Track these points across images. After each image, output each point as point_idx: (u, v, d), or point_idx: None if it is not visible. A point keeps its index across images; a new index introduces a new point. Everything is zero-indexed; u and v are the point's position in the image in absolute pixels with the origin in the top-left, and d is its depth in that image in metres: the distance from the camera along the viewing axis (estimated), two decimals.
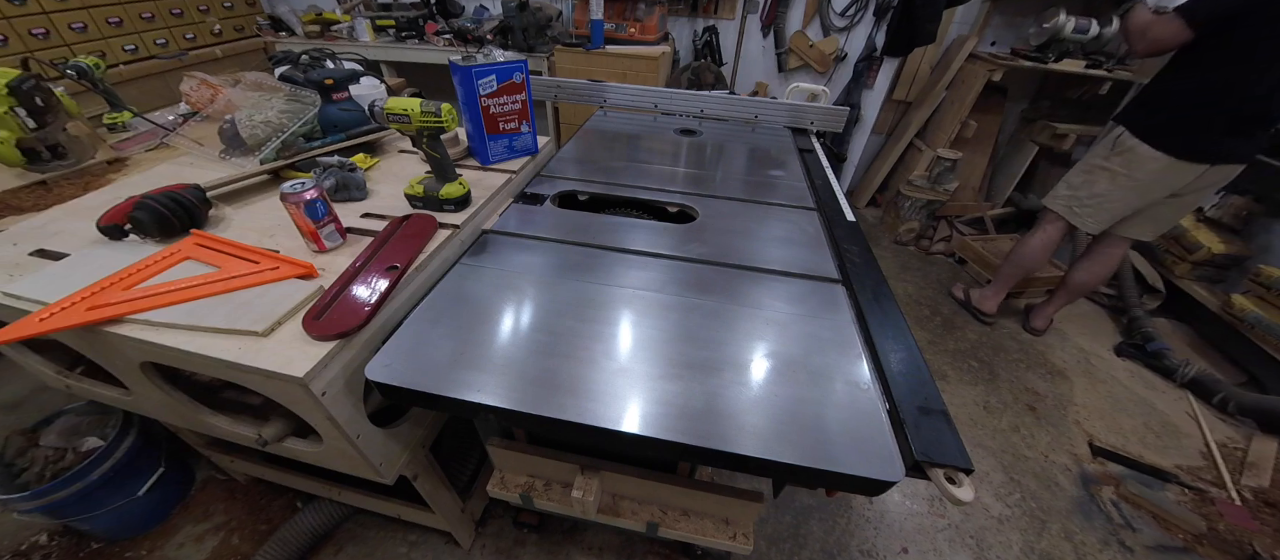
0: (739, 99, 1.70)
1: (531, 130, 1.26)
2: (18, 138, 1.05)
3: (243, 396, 0.92)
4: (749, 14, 2.78)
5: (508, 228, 1.02)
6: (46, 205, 0.98)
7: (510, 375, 0.66)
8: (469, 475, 1.28)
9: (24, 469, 1.16)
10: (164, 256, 0.80)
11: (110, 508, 1.18)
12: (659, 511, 0.92)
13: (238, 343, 0.66)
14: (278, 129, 1.13)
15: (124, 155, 1.20)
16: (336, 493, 1.20)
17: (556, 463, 0.89)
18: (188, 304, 0.70)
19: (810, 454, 0.58)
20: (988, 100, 2.81)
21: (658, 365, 0.69)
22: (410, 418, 0.93)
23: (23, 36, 2.11)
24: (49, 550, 1.27)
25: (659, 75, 2.52)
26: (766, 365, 0.70)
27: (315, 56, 1.41)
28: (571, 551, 1.31)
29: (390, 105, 0.88)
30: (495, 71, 1.12)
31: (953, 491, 0.54)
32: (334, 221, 0.85)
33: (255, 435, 0.82)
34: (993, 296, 2.20)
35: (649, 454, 0.87)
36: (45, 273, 0.77)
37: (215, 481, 1.44)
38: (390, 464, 0.88)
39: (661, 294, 0.84)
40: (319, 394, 0.66)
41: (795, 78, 2.92)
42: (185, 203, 0.87)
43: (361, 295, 0.74)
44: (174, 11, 2.63)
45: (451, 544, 1.30)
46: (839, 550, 1.36)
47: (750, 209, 1.15)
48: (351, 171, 1.03)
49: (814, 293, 0.87)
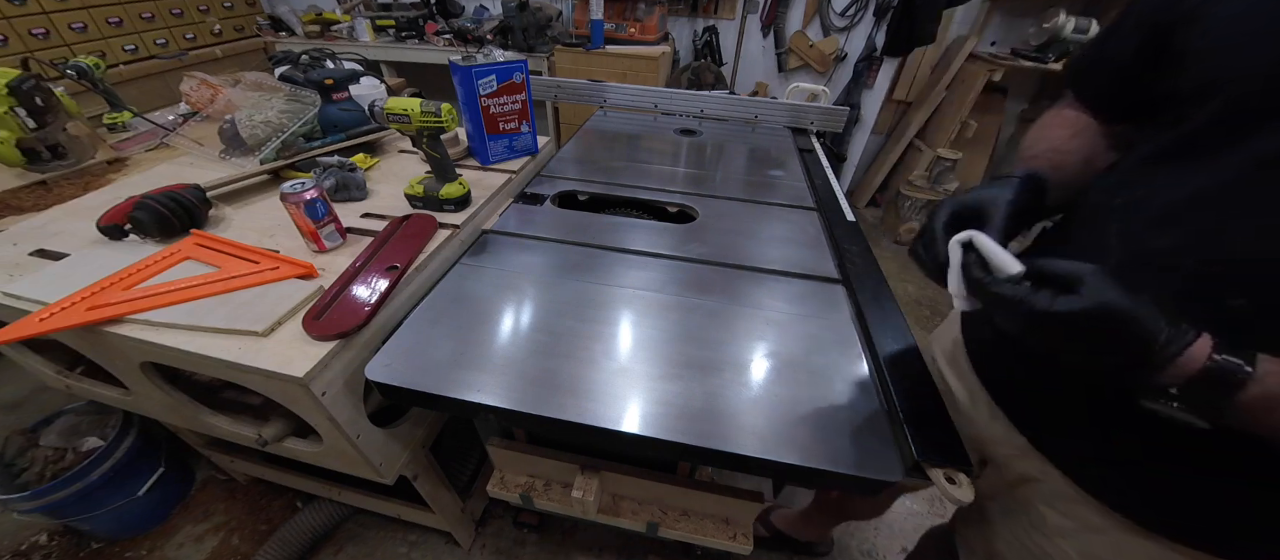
0: (739, 99, 1.70)
1: (531, 130, 1.26)
2: (18, 138, 1.05)
3: (243, 396, 0.92)
4: (749, 14, 2.78)
5: (508, 228, 1.02)
6: (46, 205, 0.98)
7: (510, 375, 0.66)
8: (469, 475, 1.28)
9: (24, 469, 1.16)
10: (164, 256, 0.80)
11: (110, 508, 1.18)
12: (659, 511, 0.92)
13: (238, 343, 0.66)
14: (278, 129, 1.13)
15: (124, 155, 1.20)
16: (336, 493, 1.20)
17: (556, 463, 0.89)
18: (188, 304, 0.70)
19: (810, 454, 0.58)
20: (988, 100, 2.81)
21: (658, 365, 0.69)
22: (410, 418, 0.93)
23: (23, 36, 2.10)
24: (49, 550, 1.27)
25: (659, 75, 2.52)
26: (766, 365, 0.70)
27: (315, 56, 1.41)
28: (571, 551, 1.31)
29: (390, 105, 0.88)
30: (495, 71, 1.12)
31: (952, 492, 0.53)
32: (334, 221, 0.85)
33: (255, 435, 0.82)
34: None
35: (649, 454, 0.87)
36: (45, 273, 0.77)
37: (215, 481, 1.44)
38: (390, 464, 0.88)
39: (661, 294, 0.84)
40: (319, 394, 0.66)
41: (795, 78, 2.92)
42: (185, 203, 0.87)
43: (361, 295, 0.74)
44: (174, 11, 2.63)
45: (451, 544, 1.30)
46: (839, 550, 1.36)
47: (750, 209, 1.15)
48: (351, 171, 1.03)
49: (814, 293, 0.87)
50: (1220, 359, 0.38)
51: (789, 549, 1.34)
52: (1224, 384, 0.38)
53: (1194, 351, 0.39)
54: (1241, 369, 0.38)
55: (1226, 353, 0.39)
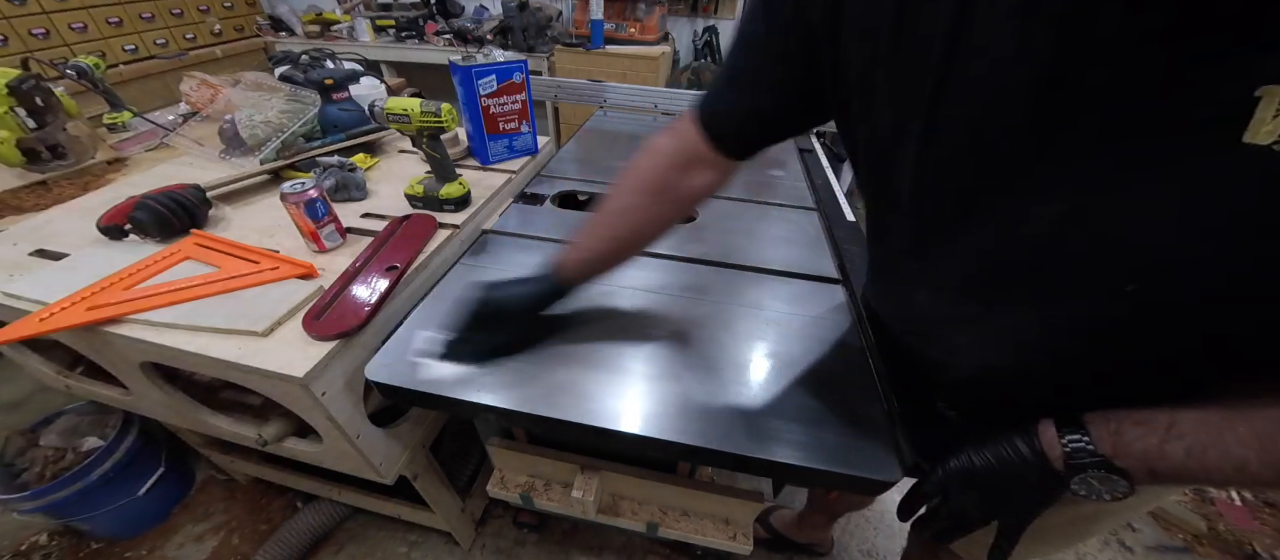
0: None
1: (531, 130, 1.26)
2: (18, 138, 1.05)
3: (243, 396, 0.92)
4: None
5: (508, 228, 1.02)
6: (46, 205, 0.98)
7: (510, 375, 0.66)
8: (469, 475, 1.28)
9: (24, 469, 1.16)
10: (164, 256, 0.80)
11: (110, 508, 1.18)
12: (659, 511, 0.92)
13: (238, 343, 0.66)
14: (278, 129, 1.12)
15: (124, 155, 1.20)
16: (336, 493, 1.20)
17: (556, 463, 0.89)
18: (188, 304, 0.70)
19: (810, 454, 0.58)
20: None
21: (657, 365, 0.69)
22: (410, 418, 0.93)
23: (23, 36, 2.11)
24: (49, 550, 1.27)
25: (659, 75, 2.52)
26: (766, 365, 0.70)
27: (315, 56, 1.41)
28: (571, 551, 1.31)
29: (390, 105, 0.88)
30: (495, 71, 1.12)
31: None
32: (334, 221, 0.85)
33: (255, 435, 0.82)
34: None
35: (649, 454, 0.87)
36: (45, 273, 0.77)
37: (215, 481, 1.44)
38: (390, 464, 0.88)
39: (661, 294, 0.84)
40: (319, 394, 0.66)
41: None
42: (185, 203, 0.87)
43: (361, 295, 0.74)
44: (174, 11, 2.63)
45: (451, 544, 1.30)
46: (839, 550, 1.36)
47: (750, 209, 1.15)
48: (351, 171, 1.03)
49: (814, 293, 0.87)
50: (1067, 442, 0.41)
51: (789, 550, 1.34)
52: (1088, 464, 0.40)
53: (1047, 440, 0.42)
54: (1084, 445, 0.40)
55: (1068, 434, 0.41)
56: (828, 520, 1.26)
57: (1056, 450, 0.41)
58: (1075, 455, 0.40)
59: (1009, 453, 0.44)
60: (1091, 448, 0.39)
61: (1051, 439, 0.41)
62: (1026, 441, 0.43)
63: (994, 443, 0.45)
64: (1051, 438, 0.42)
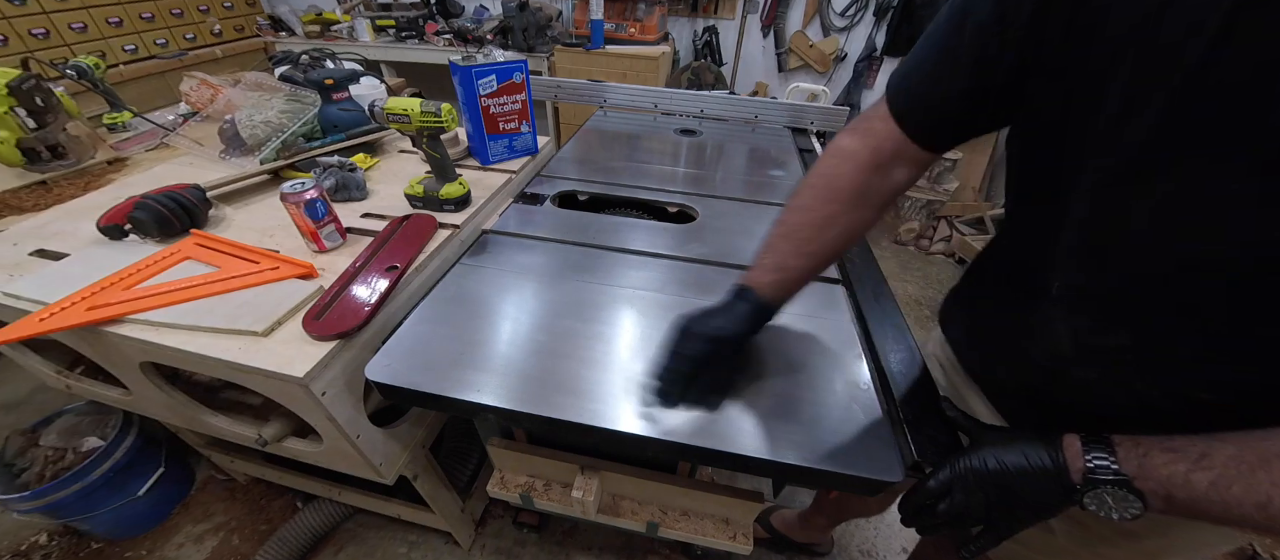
0: (739, 99, 1.70)
1: (531, 130, 1.26)
2: (18, 138, 1.05)
3: (243, 396, 0.92)
4: (749, 14, 2.78)
5: (508, 228, 1.02)
6: (46, 205, 0.98)
7: (510, 375, 0.66)
8: (469, 475, 1.28)
9: (24, 469, 1.16)
10: (164, 256, 0.80)
11: (110, 508, 1.18)
12: (659, 511, 0.92)
13: (238, 343, 0.66)
14: (278, 129, 1.13)
15: (124, 155, 1.20)
16: (337, 493, 1.20)
17: (556, 463, 0.89)
18: (188, 304, 0.71)
19: (810, 454, 0.58)
20: None
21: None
22: (410, 418, 0.93)
23: (23, 36, 2.11)
24: (49, 550, 1.27)
25: (659, 75, 2.53)
26: (766, 365, 0.70)
27: (315, 56, 1.41)
28: (571, 551, 1.31)
29: (390, 105, 0.88)
30: (495, 71, 1.12)
31: None
32: (334, 221, 0.85)
33: (255, 435, 0.82)
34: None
35: (649, 454, 0.87)
36: (45, 273, 0.77)
37: (215, 481, 1.44)
38: (390, 464, 0.88)
39: (661, 294, 0.84)
40: (319, 394, 0.66)
41: (795, 78, 2.92)
42: (185, 203, 0.87)
43: (361, 295, 0.74)
44: (174, 11, 2.64)
45: (451, 544, 1.30)
46: (839, 550, 1.36)
47: (750, 209, 1.15)
48: (351, 171, 1.03)
49: (814, 293, 0.87)
50: (1091, 458, 0.41)
51: (789, 550, 1.34)
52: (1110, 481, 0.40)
53: (1071, 453, 0.42)
54: (1111, 467, 0.40)
55: (1095, 451, 0.41)
56: (829, 522, 1.26)
57: (1078, 463, 0.42)
58: (1096, 471, 0.40)
59: (1031, 460, 0.44)
60: (1115, 467, 0.40)
61: (1075, 452, 0.42)
62: (1051, 452, 0.44)
63: (1016, 448, 0.45)
64: (1075, 451, 0.42)
